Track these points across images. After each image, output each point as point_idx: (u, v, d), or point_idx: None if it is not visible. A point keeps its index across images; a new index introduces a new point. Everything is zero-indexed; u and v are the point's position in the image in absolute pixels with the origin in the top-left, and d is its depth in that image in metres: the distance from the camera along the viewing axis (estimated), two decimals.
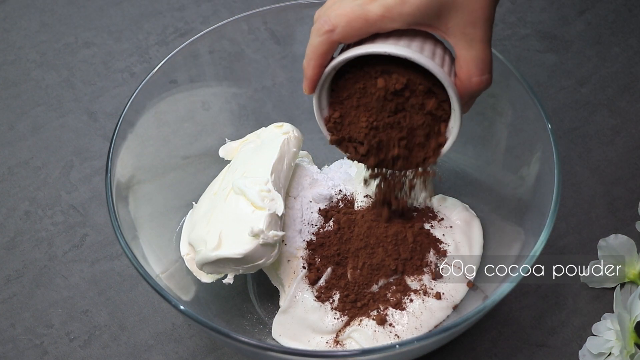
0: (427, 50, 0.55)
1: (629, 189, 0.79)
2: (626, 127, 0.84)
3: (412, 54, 0.53)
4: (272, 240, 0.62)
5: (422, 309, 0.64)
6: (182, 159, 0.75)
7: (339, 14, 0.53)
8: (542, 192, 0.63)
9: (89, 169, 0.84)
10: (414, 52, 0.54)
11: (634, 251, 0.70)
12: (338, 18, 0.53)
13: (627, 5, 0.95)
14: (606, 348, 0.66)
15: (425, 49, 0.55)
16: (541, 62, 0.90)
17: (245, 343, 0.55)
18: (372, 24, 0.53)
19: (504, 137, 0.73)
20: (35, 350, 0.71)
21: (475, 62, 0.54)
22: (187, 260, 0.67)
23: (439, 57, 0.55)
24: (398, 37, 0.54)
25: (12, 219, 0.80)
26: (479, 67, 0.55)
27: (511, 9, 0.96)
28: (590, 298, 0.72)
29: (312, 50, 0.55)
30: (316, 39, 0.54)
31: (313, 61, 0.56)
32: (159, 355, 0.70)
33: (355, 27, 0.53)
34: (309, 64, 0.56)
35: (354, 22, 0.53)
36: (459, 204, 0.72)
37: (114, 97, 0.90)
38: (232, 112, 0.79)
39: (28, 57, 0.95)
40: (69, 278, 0.75)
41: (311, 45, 0.55)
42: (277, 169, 0.66)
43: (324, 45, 0.55)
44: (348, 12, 0.53)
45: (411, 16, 0.53)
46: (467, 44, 0.54)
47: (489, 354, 0.69)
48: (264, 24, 0.77)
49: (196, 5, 0.99)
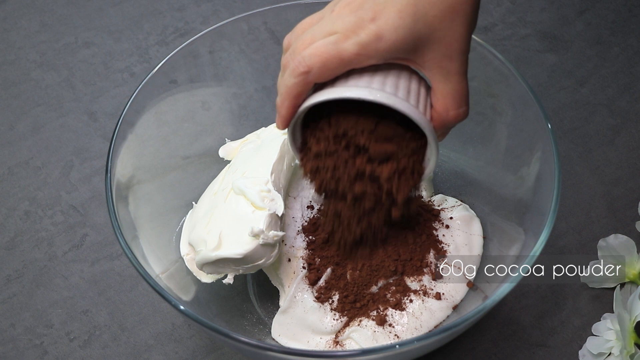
0: (402, 87, 0.54)
1: (629, 189, 0.79)
2: (626, 127, 0.84)
3: (387, 99, 0.53)
4: (272, 241, 0.62)
5: (422, 309, 0.64)
6: (182, 159, 0.75)
7: (313, 54, 0.52)
8: (542, 192, 0.63)
9: (89, 169, 0.84)
10: (389, 95, 0.53)
11: (634, 251, 0.70)
12: (313, 59, 0.52)
13: (627, 5, 0.95)
14: (606, 348, 0.66)
15: (401, 86, 0.54)
16: (541, 62, 0.90)
17: (245, 343, 0.55)
18: (347, 63, 0.52)
19: (504, 137, 0.73)
20: (35, 350, 0.71)
21: (452, 95, 0.54)
22: (187, 261, 0.67)
23: (414, 93, 0.55)
24: (372, 72, 0.54)
25: (12, 219, 0.80)
26: (456, 100, 0.54)
27: (511, 9, 0.96)
28: (590, 298, 0.72)
29: (286, 91, 0.54)
30: (291, 80, 0.53)
31: (287, 102, 0.55)
32: (159, 355, 0.70)
33: (331, 68, 0.52)
34: (282, 104, 0.55)
35: (329, 63, 0.52)
36: (459, 204, 0.72)
37: (114, 97, 0.90)
38: (232, 112, 0.79)
39: (28, 57, 0.95)
40: (69, 278, 0.75)
41: (286, 86, 0.54)
42: (277, 169, 0.66)
43: (299, 87, 0.54)
44: (322, 52, 0.52)
45: (387, 52, 0.52)
46: (443, 77, 0.53)
47: (489, 354, 0.69)
48: (264, 24, 0.77)
49: (196, 5, 0.99)
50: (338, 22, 0.52)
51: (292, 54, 0.53)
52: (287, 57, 0.54)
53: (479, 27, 0.92)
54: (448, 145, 0.77)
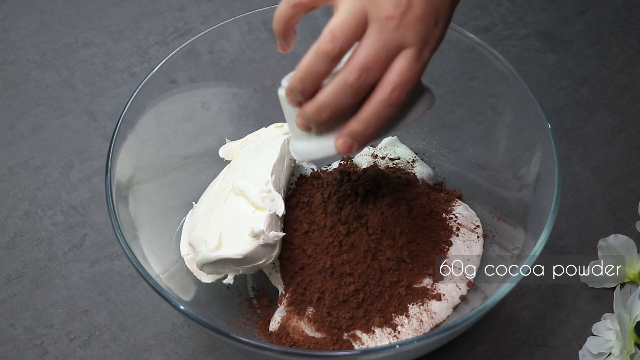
0: None
1: (629, 189, 0.79)
2: (626, 127, 0.84)
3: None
4: (273, 241, 0.62)
5: (423, 309, 0.64)
6: (182, 159, 0.75)
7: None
8: (542, 192, 0.64)
9: (89, 169, 0.84)
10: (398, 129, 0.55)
11: (634, 251, 0.70)
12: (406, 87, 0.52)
13: (627, 5, 0.95)
14: (606, 348, 0.66)
15: None
16: (541, 62, 0.90)
17: (245, 343, 0.55)
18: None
19: (504, 137, 0.73)
20: (35, 350, 0.71)
21: None
22: (187, 261, 0.67)
23: None
24: None
25: (12, 219, 0.80)
26: None
27: (511, 9, 0.96)
28: (590, 298, 0.72)
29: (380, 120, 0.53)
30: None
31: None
32: (159, 355, 0.70)
33: None
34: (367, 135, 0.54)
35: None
36: (459, 204, 0.72)
37: (114, 97, 0.90)
38: (232, 112, 0.79)
39: (28, 57, 0.95)
40: (69, 278, 0.75)
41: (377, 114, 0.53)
42: (277, 170, 0.66)
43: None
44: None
45: None
46: None
47: (489, 354, 0.69)
48: (264, 24, 0.77)
49: (196, 5, 0.99)
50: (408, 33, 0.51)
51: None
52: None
53: (479, 27, 0.93)
54: (448, 145, 0.77)
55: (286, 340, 0.65)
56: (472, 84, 0.75)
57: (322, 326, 0.64)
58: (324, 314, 0.64)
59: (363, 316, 0.64)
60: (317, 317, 0.64)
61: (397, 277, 0.65)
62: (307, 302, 0.65)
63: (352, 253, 0.64)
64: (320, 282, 0.64)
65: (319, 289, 0.64)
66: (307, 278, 0.65)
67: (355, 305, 0.64)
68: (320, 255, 0.65)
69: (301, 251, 0.66)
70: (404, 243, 0.65)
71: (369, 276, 0.64)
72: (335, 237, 0.65)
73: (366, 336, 0.63)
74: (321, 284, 0.64)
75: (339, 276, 0.64)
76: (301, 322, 0.65)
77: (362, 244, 0.64)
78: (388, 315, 0.64)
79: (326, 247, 0.65)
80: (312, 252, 0.65)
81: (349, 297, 0.64)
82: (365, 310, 0.64)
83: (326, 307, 0.64)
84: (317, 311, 0.65)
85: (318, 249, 0.65)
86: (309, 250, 0.65)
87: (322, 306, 0.64)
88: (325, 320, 0.64)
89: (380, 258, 0.64)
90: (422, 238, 0.66)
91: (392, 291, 0.64)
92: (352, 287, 0.64)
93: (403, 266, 0.65)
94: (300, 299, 0.65)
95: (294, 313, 0.65)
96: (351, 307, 0.64)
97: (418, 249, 0.66)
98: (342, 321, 0.64)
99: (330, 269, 0.64)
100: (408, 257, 0.65)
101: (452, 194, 0.74)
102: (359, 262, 0.64)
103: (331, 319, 0.64)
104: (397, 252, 0.64)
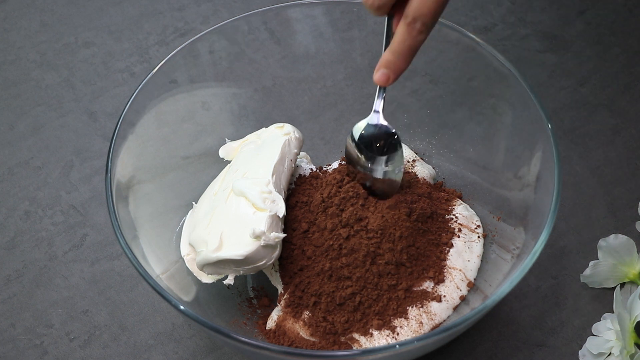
0: None
1: (629, 189, 0.79)
2: (626, 127, 0.84)
3: None
4: (273, 242, 0.62)
5: (422, 311, 0.64)
6: (182, 159, 0.75)
7: None
8: (542, 192, 0.64)
9: (89, 169, 0.84)
10: None
11: (634, 251, 0.70)
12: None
13: (627, 5, 0.95)
14: (606, 348, 0.66)
15: None
16: (541, 62, 0.90)
17: (245, 343, 0.55)
18: None
19: (504, 137, 0.73)
20: (35, 350, 0.71)
21: None
22: (188, 261, 0.67)
23: None
24: None
25: (12, 219, 0.80)
26: None
27: (511, 9, 0.96)
28: (590, 298, 0.72)
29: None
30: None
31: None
32: (159, 355, 0.70)
33: None
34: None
35: None
36: (459, 204, 0.72)
37: (114, 97, 0.90)
38: (232, 112, 0.79)
39: (28, 57, 0.95)
40: (69, 278, 0.75)
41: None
42: (278, 170, 0.66)
43: None
44: None
45: None
46: None
47: (489, 354, 0.69)
48: (264, 24, 0.77)
49: (196, 5, 0.99)
50: None
51: None
52: None
53: (479, 27, 0.93)
54: (448, 145, 0.77)
55: (284, 339, 0.65)
56: (472, 84, 0.75)
57: (316, 331, 0.64)
58: (319, 318, 0.64)
59: (360, 319, 0.64)
60: (312, 321, 0.64)
61: (395, 281, 0.64)
62: (303, 305, 0.65)
63: (351, 257, 0.64)
64: (318, 285, 0.64)
65: (317, 291, 0.64)
66: (306, 280, 0.65)
67: (352, 309, 0.64)
68: (320, 258, 0.65)
69: (301, 252, 0.66)
70: (403, 247, 0.65)
71: (367, 280, 0.64)
72: (335, 240, 0.64)
73: (364, 339, 0.63)
74: (319, 287, 0.64)
75: (337, 279, 0.64)
76: (296, 325, 0.65)
77: (361, 247, 0.64)
78: (386, 317, 0.64)
79: (326, 249, 0.65)
80: (311, 254, 0.65)
81: (346, 300, 0.64)
82: (362, 314, 0.64)
83: (322, 312, 0.64)
84: (313, 315, 0.64)
85: (318, 251, 0.65)
86: (309, 251, 0.65)
87: (317, 310, 0.64)
88: (320, 326, 0.64)
89: (379, 262, 0.64)
90: (422, 241, 0.66)
91: (390, 294, 0.64)
92: (350, 290, 0.64)
93: (402, 270, 0.65)
94: (298, 302, 0.65)
95: (290, 315, 0.65)
96: (347, 311, 0.64)
97: (418, 253, 0.66)
98: (338, 326, 0.64)
99: (328, 272, 0.64)
100: (407, 260, 0.65)
101: (453, 193, 0.74)
102: (358, 266, 0.64)
103: (326, 325, 0.64)
104: (397, 255, 0.64)
